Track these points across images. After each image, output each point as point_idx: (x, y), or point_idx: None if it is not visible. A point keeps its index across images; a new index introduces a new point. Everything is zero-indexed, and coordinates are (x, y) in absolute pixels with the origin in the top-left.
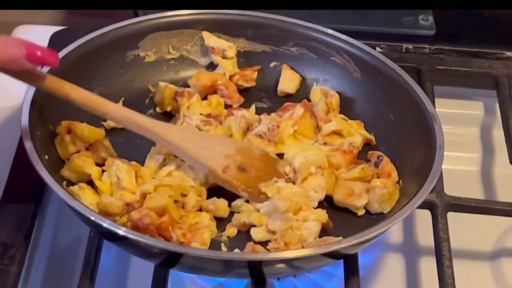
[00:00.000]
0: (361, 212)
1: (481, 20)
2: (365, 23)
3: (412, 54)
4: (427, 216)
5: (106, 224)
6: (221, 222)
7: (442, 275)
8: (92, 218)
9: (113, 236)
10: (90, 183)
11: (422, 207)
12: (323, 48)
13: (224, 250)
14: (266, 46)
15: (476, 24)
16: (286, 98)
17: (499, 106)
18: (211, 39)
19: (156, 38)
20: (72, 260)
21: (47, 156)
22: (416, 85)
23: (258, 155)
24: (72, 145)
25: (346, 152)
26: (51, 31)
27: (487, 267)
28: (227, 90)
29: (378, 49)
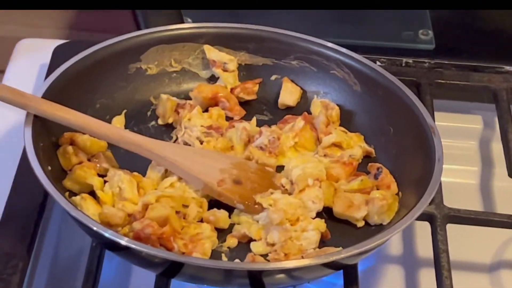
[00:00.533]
0: (360, 224)
1: (480, 35)
2: (365, 37)
3: (412, 68)
4: (426, 228)
5: (108, 234)
6: (222, 233)
7: (441, 286)
8: (95, 228)
9: (115, 246)
10: (92, 194)
11: (422, 219)
12: (324, 62)
13: (224, 260)
14: (267, 59)
15: (475, 39)
16: (287, 111)
17: (498, 120)
18: (212, 52)
19: (158, 51)
20: (74, 270)
21: (49, 167)
22: (415, 98)
23: (254, 169)
24: (74, 156)
25: (346, 164)
26: (54, 45)
27: (486, 279)
28: (228, 102)
29: (378, 63)
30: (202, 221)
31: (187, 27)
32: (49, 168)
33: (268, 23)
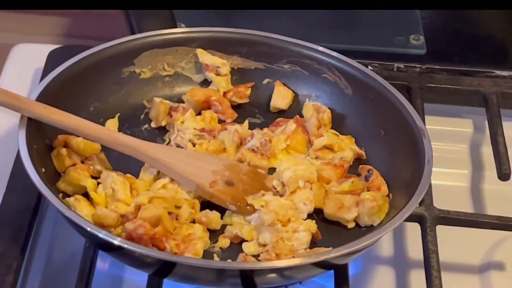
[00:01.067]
0: (351, 225)
1: (471, 40)
2: (357, 42)
3: (403, 72)
4: (416, 230)
5: (101, 234)
6: (214, 234)
7: (430, 286)
8: (88, 229)
9: (108, 247)
10: (86, 195)
11: (412, 220)
12: (315, 65)
13: (216, 260)
14: (259, 63)
15: (466, 44)
16: (279, 114)
17: (488, 123)
18: (205, 56)
19: (152, 55)
20: (68, 270)
21: (43, 169)
22: (405, 101)
23: (246, 171)
24: (68, 158)
25: (337, 166)
26: (48, 50)
27: (475, 280)
28: (221, 106)
29: (370, 67)
30: (194, 222)
31: (180, 31)
32: (43, 170)
33: (260, 28)
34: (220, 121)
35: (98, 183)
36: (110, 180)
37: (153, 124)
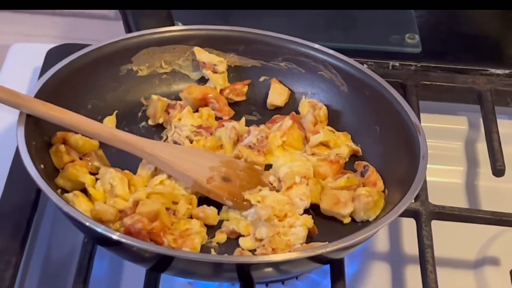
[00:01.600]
0: (347, 220)
1: (465, 39)
2: (353, 41)
3: (398, 70)
4: (412, 226)
5: (100, 229)
6: (211, 229)
7: (425, 280)
8: (87, 224)
9: (106, 241)
10: (84, 192)
11: (407, 216)
12: (311, 63)
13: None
14: (255, 61)
15: (461, 43)
16: (275, 111)
17: (482, 120)
18: (202, 54)
19: (149, 53)
20: (67, 266)
21: (42, 165)
22: (400, 97)
23: (243, 167)
24: (66, 155)
25: (333, 162)
26: (46, 49)
27: (470, 275)
28: (218, 103)
29: (366, 66)
30: (191, 217)
31: (177, 29)
32: (41, 166)
33: (257, 27)
34: (217, 118)
35: (97, 179)
36: (108, 176)
37: (150, 121)
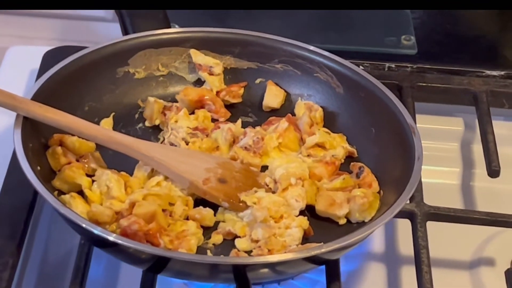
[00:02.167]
0: (342, 221)
1: (461, 41)
2: (349, 43)
3: (394, 72)
4: (407, 227)
5: (96, 230)
6: (207, 230)
7: (421, 280)
8: (83, 225)
9: (103, 243)
10: (81, 194)
11: (402, 216)
12: (307, 65)
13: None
14: (251, 63)
15: (456, 45)
16: (271, 113)
17: (478, 122)
18: (198, 56)
19: (146, 55)
20: (64, 267)
21: (39, 167)
22: (396, 99)
23: (239, 168)
24: (63, 157)
25: (328, 164)
26: (43, 51)
27: (466, 276)
28: (214, 105)
29: (362, 67)
30: (188, 219)
31: (173, 31)
32: (38, 168)
33: (253, 28)
34: (213, 120)
35: (93, 181)
36: (105, 178)
37: (147, 123)
